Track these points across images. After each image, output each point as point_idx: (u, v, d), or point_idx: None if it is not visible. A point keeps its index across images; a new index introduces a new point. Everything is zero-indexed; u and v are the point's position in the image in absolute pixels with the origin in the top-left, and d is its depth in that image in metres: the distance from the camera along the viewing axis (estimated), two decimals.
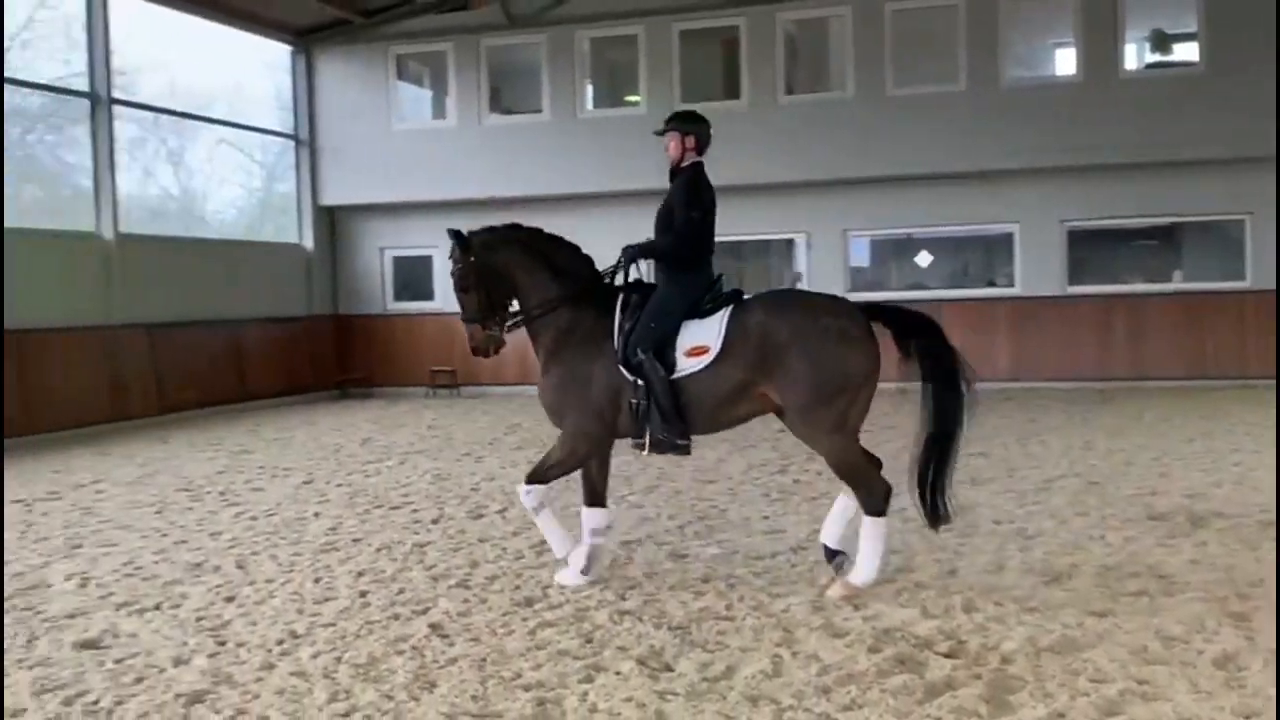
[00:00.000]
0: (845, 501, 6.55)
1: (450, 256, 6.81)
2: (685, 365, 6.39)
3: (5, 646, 5.75)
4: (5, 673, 5.36)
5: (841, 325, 6.30)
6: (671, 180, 6.85)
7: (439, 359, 19.47)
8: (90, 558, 7.67)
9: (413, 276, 20.67)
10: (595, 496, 6.82)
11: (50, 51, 16.24)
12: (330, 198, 20.45)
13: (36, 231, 15.13)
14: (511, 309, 6.84)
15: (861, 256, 19.86)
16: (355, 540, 8.04)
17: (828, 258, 19.16)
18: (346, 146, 20.13)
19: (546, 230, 6.93)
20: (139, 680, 5.23)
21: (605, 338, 6.57)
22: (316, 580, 6.95)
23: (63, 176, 17.11)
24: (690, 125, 6.78)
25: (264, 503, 9.53)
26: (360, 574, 7.07)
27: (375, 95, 19.98)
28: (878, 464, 6.52)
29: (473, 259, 6.69)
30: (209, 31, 18.26)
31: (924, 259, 19.86)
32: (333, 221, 20.95)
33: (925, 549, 7.30)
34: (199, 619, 6.18)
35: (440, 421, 15.50)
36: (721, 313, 6.46)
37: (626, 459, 10.98)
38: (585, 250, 6.90)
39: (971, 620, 5.81)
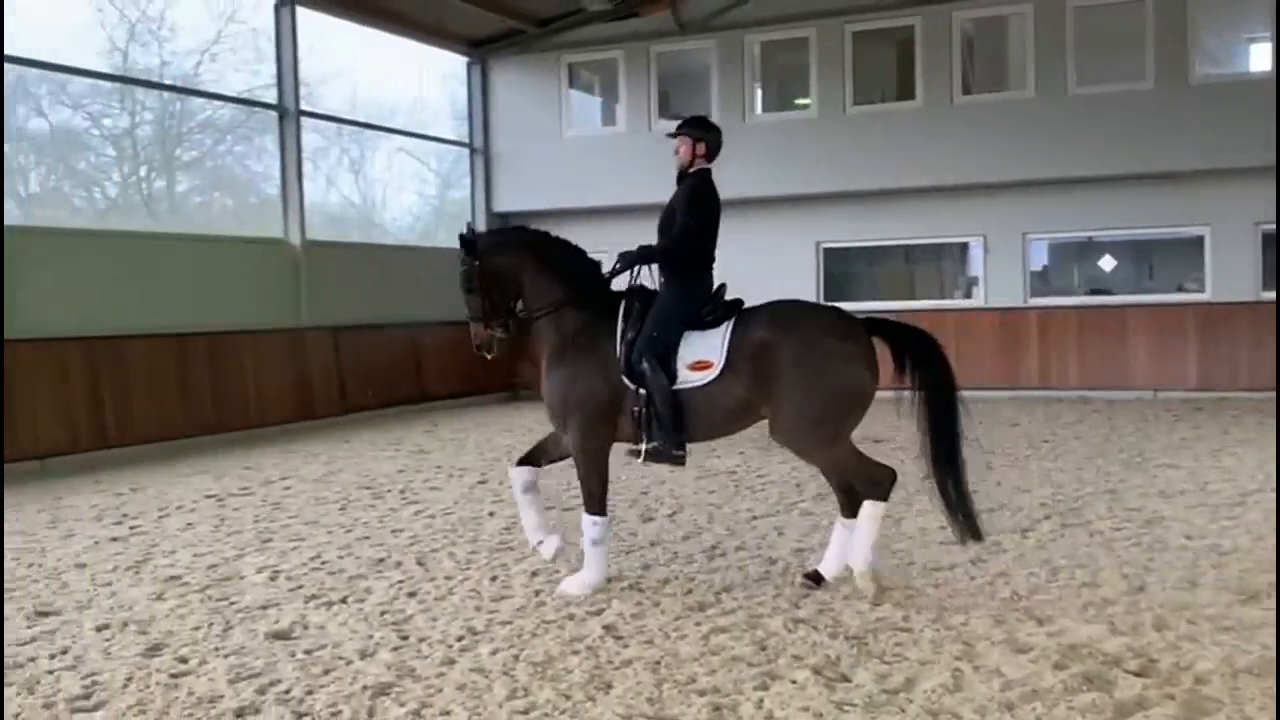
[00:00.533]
0: (842, 531, 6.58)
1: (459, 256, 6.90)
2: (688, 379, 6.44)
3: (202, 635, 6.03)
4: (203, 660, 5.61)
5: (845, 348, 6.33)
6: (679, 184, 6.86)
7: None
8: (280, 551, 7.98)
9: None
10: (533, 458, 6.99)
11: (238, 64, 17.03)
12: (503, 204, 20.87)
13: (228, 238, 15.90)
14: (516, 309, 6.90)
15: (1040, 260, 19.26)
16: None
17: (1005, 262, 18.65)
18: (519, 154, 20.52)
19: (557, 235, 7.01)
20: (327, 671, 5.40)
21: (608, 342, 6.62)
22: (493, 578, 7.07)
23: (251, 185, 17.92)
24: (703, 132, 6.81)
25: (441, 501, 9.76)
26: (535, 574, 7.17)
27: (547, 103, 20.31)
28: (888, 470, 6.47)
29: (477, 261, 6.77)
30: (389, 44, 18.89)
31: (1107, 263, 19.15)
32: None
33: (1111, 564, 7.03)
34: (383, 613, 6.36)
35: None
36: (724, 326, 6.49)
37: (795, 468, 10.90)
38: (602, 252, 6.99)
39: (1163, 638, 5.56)
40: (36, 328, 12.53)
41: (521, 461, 7.02)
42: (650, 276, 6.87)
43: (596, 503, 6.70)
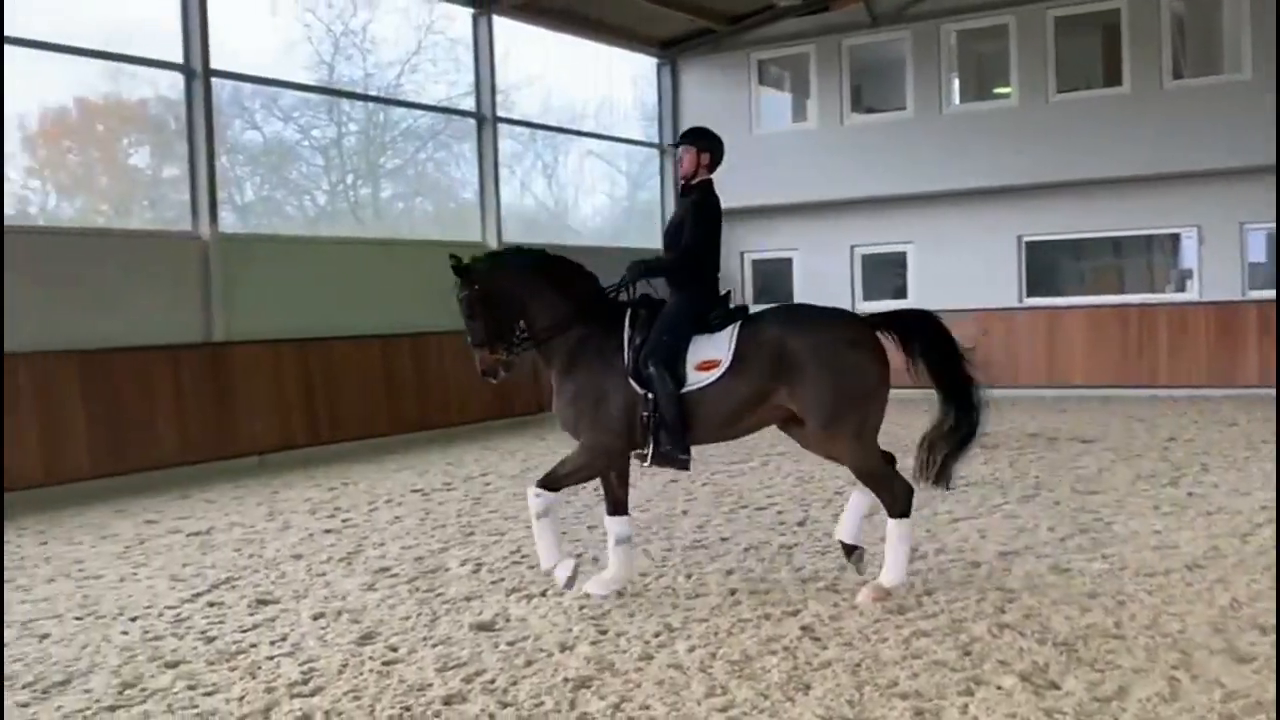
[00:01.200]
0: (860, 497, 6.74)
1: (454, 286, 6.76)
2: (695, 379, 6.46)
3: (411, 624, 6.24)
4: (413, 649, 5.80)
5: (853, 335, 6.49)
6: (682, 196, 6.94)
7: None
8: (482, 545, 8.19)
9: (773, 279, 20.83)
10: (617, 506, 6.86)
11: (437, 74, 17.55)
12: None
13: (428, 242, 16.41)
14: (519, 331, 6.78)
15: (1259, 251, 18.15)
16: (723, 539, 8.16)
17: (1221, 253, 17.66)
18: None
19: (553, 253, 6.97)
20: (529, 663, 5.52)
21: (616, 353, 6.59)
22: (688, 576, 7.10)
23: (450, 190, 18.45)
24: (707, 143, 6.86)
25: (634, 499, 9.70)
26: (729, 572, 7.16)
27: (736, 101, 20.26)
28: (892, 460, 6.68)
29: (476, 286, 6.66)
30: (580, 48, 19.19)
31: None
32: None
33: None
34: (581, 607, 6.46)
35: None
36: (730, 328, 6.53)
37: (996, 469, 10.57)
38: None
39: None
40: (253, 330, 13.22)
41: (613, 513, 6.89)
42: (651, 286, 6.86)
43: (556, 484, 6.58)
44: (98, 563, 8.15)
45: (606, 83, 20.43)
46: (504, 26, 17.50)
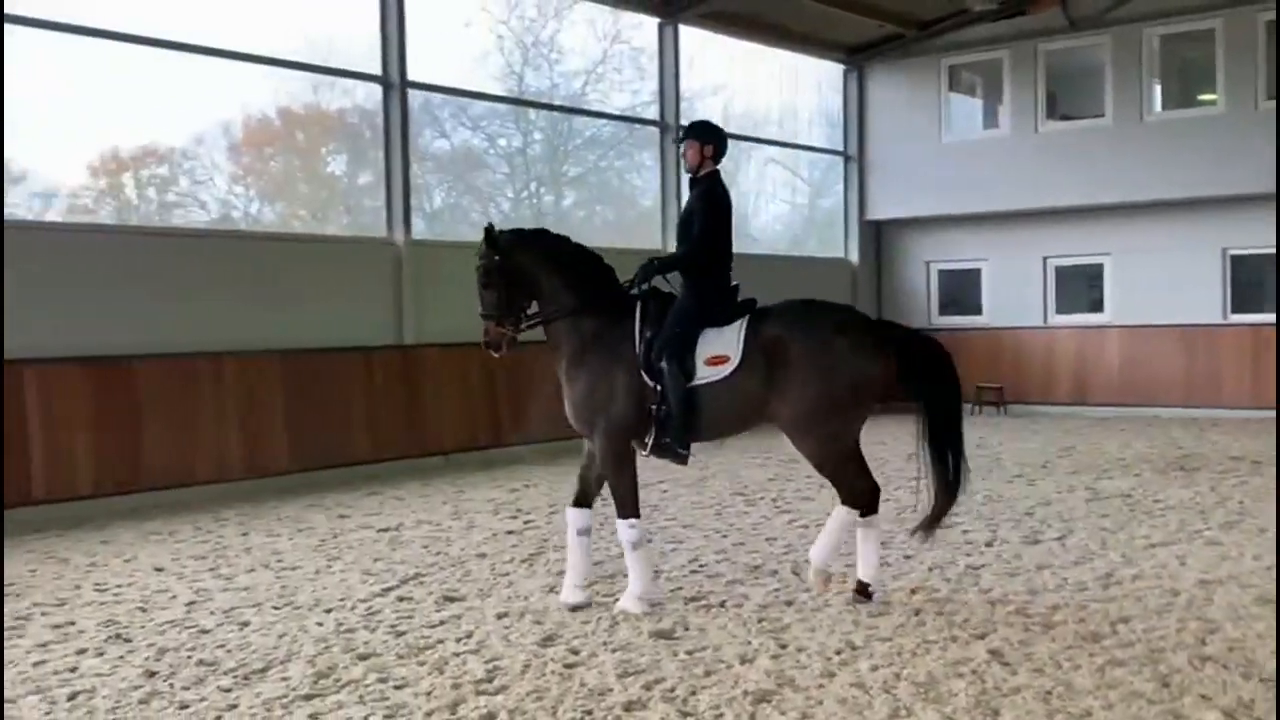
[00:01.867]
0: (860, 531, 6.73)
1: (476, 252, 6.82)
2: (705, 373, 6.50)
3: (591, 629, 6.29)
4: (593, 653, 5.85)
5: (855, 340, 6.50)
6: (691, 189, 6.93)
7: (985, 375, 18.96)
8: (660, 552, 8.21)
9: (959, 290, 20.34)
10: (584, 499, 6.88)
11: (621, 83, 17.74)
12: (877, 211, 20.62)
13: (609, 250, 16.52)
14: (530, 311, 6.88)
15: None
16: (906, 556, 7.98)
17: None
18: (895, 161, 20.20)
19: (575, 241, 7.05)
20: (709, 673, 5.49)
21: (627, 344, 6.64)
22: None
23: (630, 198, 18.62)
24: (709, 135, 6.90)
25: (814, 512, 9.72)
26: (914, 591, 7.00)
27: (925, 108, 19.87)
28: (875, 485, 6.77)
29: (497, 257, 6.71)
30: (764, 55, 19.13)
31: None
32: (879, 235, 21.11)
33: None
34: (760, 620, 6.40)
35: (988, 440, 15.06)
36: (739, 322, 6.58)
37: (1197, 493, 10.05)
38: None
39: None
40: (441, 334, 13.58)
41: (576, 503, 6.89)
42: (667, 280, 6.94)
43: (630, 506, 6.67)
44: (295, 555, 8.49)
45: (790, 89, 20.30)
46: (689, 35, 17.58)
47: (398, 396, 12.98)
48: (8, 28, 10.60)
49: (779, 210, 21.73)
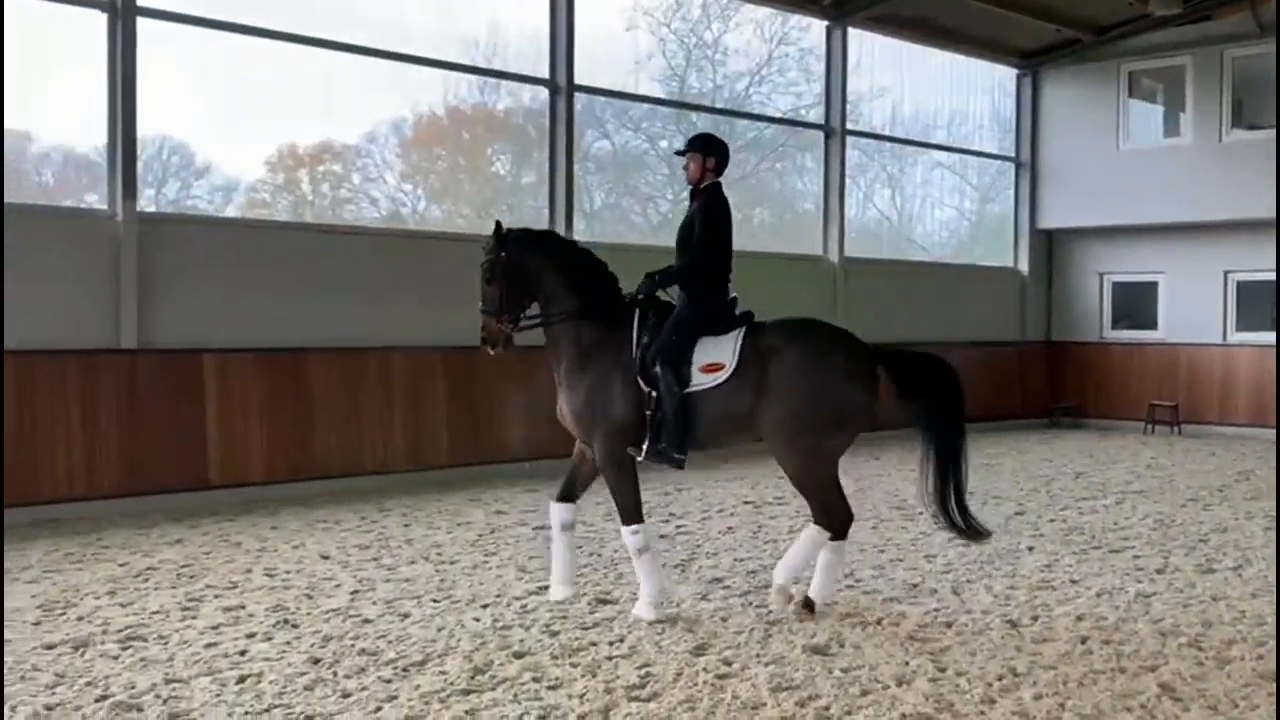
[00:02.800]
0: (825, 554, 6.76)
1: (483, 246, 6.92)
2: (700, 380, 6.57)
3: (743, 640, 6.23)
4: (745, 665, 5.79)
5: (848, 365, 6.56)
6: (691, 200, 7.02)
7: (1159, 392, 18.21)
8: (813, 565, 8.07)
9: (1134, 303, 19.54)
10: (569, 494, 7.00)
11: (785, 86, 17.56)
12: (1048, 220, 19.98)
13: (768, 255, 16.49)
14: (531, 311, 6.96)
15: None
16: (1073, 581, 7.70)
17: None
18: (1069, 168, 19.54)
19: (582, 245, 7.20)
20: (864, 693, 5.38)
21: (626, 351, 6.72)
22: (1034, 618, 6.73)
23: (789, 202, 18.44)
24: (711, 148, 6.98)
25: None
26: (1079, 618, 6.74)
27: (1102, 114, 19.15)
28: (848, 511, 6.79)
29: (503, 254, 6.78)
30: (934, 58, 18.73)
31: None
32: (1049, 245, 20.46)
33: None
34: (918, 640, 6.25)
35: (1160, 460, 14.46)
36: (736, 333, 6.67)
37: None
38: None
39: None
40: None
41: (560, 498, 6.99)
42: (668, 293, 6.98)
43: (631, 513, 6.71)
44: (454, 548, 8.65)
45: (961, 94, 19.83)
46: (858, 38, 17.33)
47: (554, 395, 13.09)
48: (192, 29, 11.13)
49: (945, 216, 21.24)
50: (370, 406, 11.65)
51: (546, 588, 7.34)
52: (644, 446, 6.68)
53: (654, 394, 6.61)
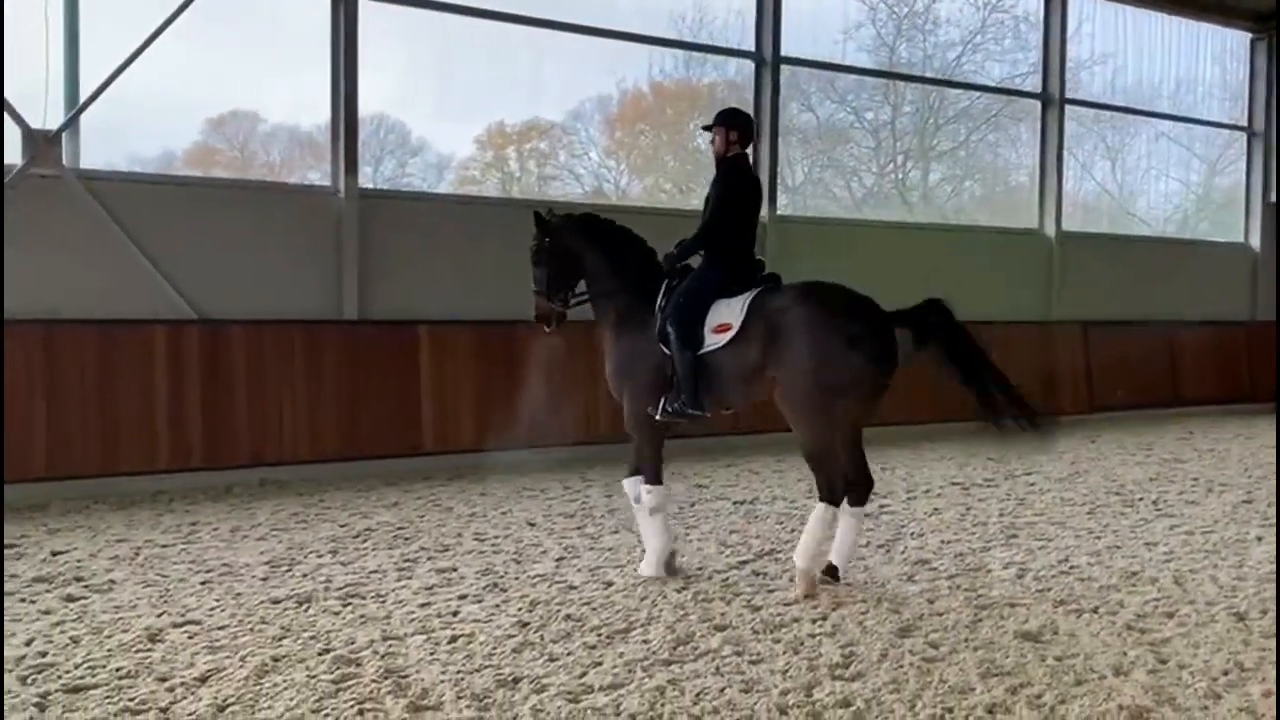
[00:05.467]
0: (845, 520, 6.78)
1: (532, 235, 7.36)
2: (712, 341, 6.76)
3: (951, 623, 6.08)
4: (953, 649, 5.64)
5: (854, 329, 6.48)
6: (717, 170, 7.19)
7: None
8: (1026, 549, 7.83)
9: None
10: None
11: (999, 54, 16.95)
12: None
13: (979, 228, 16.02)
14: (579, 289, 7.36)
15: None
16: None
17: None
18: None
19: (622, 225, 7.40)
20: (1079, 682, 5.18)
21: (651, 319, 7.01)
22: (1263, 612, 6.34)
23: (1000, 174, 17.81)
24: (735, 122, 7.17)
25: (1200, 518, 8.98)
26: None
27: None
28: (865, 478, 6.81)
29: (547, 239, 7.26)
30: (1158, 23, 17.77)
31: None
32: None
33: None
34: (1136, 630, 5.98)
35: None
36: (747, 294, 6.78)
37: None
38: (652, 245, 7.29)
39: None
40: None
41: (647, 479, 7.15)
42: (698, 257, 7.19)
43: (650, 472, 7.01)
44: None
45: (1187, 60, 18.76)
46: (1077, 3, 16.60)
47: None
48: (408, 10, 11.50)
49: (1169, 189, 20.15)
50: (576, 377, 11.84)
51: (747, 562, 7.35)
52: (660, 405, 6.91)
53: (670, 355, 6.90)
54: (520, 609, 6.24)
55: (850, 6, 15.37)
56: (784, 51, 13.94)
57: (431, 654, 5.50)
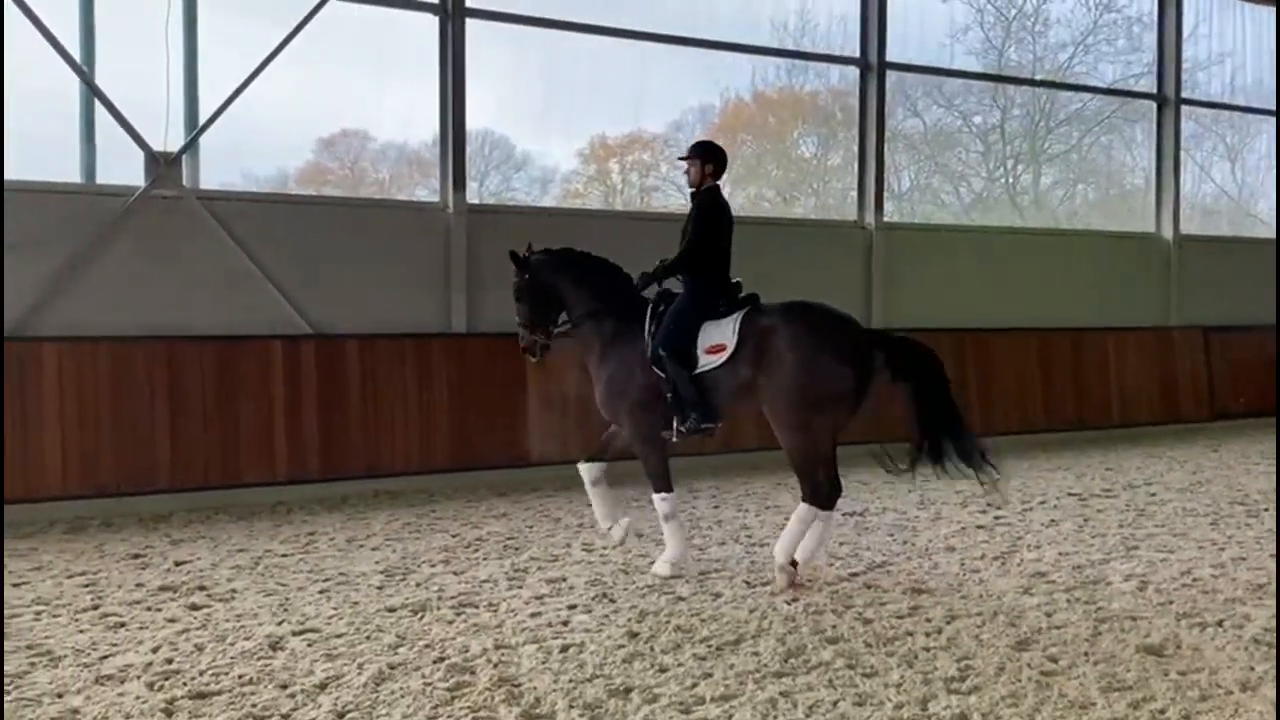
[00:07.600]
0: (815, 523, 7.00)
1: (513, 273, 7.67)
2: (706, 362, 7.10)
3: (1070, 636, 5.93)
4: (1073, 663, 5.51)
5: (837, 347, 6.87)
6: (691, 201, 7.52)
7: None
8: (1147, 561, 7.62)
9: None
10: (596, 455, 7.65)
11: (1112, 55, 16.57)
12: None
13: (1092, 233, 15.65)
14: (561, 320, 7.68)
15: None
16: None
17: None
18: None
19: (597, 255, 7.66)
20: (1204, 698, 5.03)
21: (641, 340, 7.31)
22: None
23: (1114, 177, 17.38)
24: (710, 155, 7.48)
25: (1260, 534, 8.65)
26: None
27: None
28: (836, 485, 7.06)
29: (526, 276, 7.57)
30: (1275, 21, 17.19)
31: None
32: None
33: None
34: (1264, 644, 5.77)
35: None
36: (736, 315, 7.15)
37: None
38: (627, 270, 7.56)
39: None
40: (909, 319, 13.37)
41: (589, 459, 7.60)
42: (679, 280, 7.45)
43: (660, 480, 7.33)
44: (763, 531, 8.69)
45: None
46: (1193, 2, 16.15)
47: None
48: (512, 26, 11.64)
49: None
50: None
51: (858, 575, 7.27)
52: (674, 428, 7.27)
53: (665, 376, 7.17)
54: (630, 619, 6.26)
55: (957, 10, 15.16)
56: (889, 57, 13.81)
57: (543, 663, 5.54)
